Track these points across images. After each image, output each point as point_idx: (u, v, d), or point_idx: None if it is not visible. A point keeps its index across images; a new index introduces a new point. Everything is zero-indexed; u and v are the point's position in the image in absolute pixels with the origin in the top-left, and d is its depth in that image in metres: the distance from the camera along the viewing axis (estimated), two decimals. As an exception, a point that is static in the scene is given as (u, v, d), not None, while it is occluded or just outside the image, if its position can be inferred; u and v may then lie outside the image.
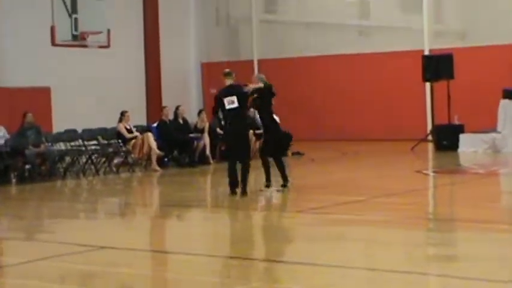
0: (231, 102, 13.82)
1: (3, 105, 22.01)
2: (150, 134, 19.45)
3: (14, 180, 17.46)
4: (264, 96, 14.25)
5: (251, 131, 21.51)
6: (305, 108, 27.27)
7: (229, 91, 13.94)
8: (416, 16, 26.06)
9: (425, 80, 22.82)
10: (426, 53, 24.75)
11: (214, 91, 14.75)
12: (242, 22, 29.84)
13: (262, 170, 14.28)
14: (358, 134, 26.10)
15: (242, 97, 13.87)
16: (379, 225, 10.89)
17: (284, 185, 14.27)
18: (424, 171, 17.72)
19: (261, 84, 14.23)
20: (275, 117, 14.74)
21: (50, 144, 18.64)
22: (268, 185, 14.25)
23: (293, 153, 21.91)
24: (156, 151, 19.13)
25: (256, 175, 15.14)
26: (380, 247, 9.41)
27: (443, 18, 27.66)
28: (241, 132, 13.86)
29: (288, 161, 21.20)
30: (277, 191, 14.13)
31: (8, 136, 17.90)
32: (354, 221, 11.26)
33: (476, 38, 25.36)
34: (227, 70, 14.34)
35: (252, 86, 14.16)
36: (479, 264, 8.24)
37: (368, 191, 14.24)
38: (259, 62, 28.47)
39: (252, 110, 15.77)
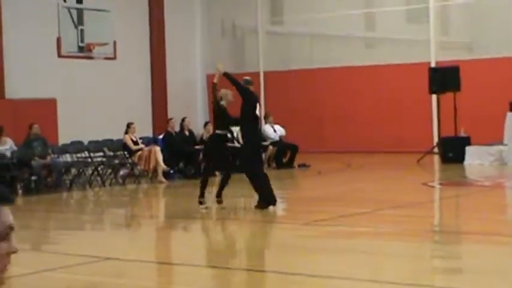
0: (259, 111, 13.70)
1: (9, 116, 22.02)
2: (158, 148, 19.44)
3: (20, 191, 17.49)
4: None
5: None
6: (311, 120, 27.27)
7: (257, 99, 13.75)
8: (422, 28, 26.07)
9: (431, 92, 22.80)
10: (433, 65, 24.74)
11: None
12: (248, 34, 29.90)
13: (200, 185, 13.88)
14: (363, 146, 26.08)
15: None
16: (385, 237, 10.87)
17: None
18: (430, 184, 17.68)
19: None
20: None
21: (56, 155, 18.67)
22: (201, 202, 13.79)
23: (299, 165, 21.92)
24: (162, 165, 19.09)
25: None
26: (385, 259, 9.39)
27: (450, 30, 27.67)
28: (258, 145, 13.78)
29: (294, 172, 21.25)
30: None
31: (15, 148, 17.94)
32: (359, 233, 11.24)
33: (483, 50, 25.34)
34: (250, 78, 14.01)
35: None
36: (484, 276, 8.21)
37: (374, 203, 14.21)
38: (265, 74, 28.49)
39: None
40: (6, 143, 17.95)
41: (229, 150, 14.07)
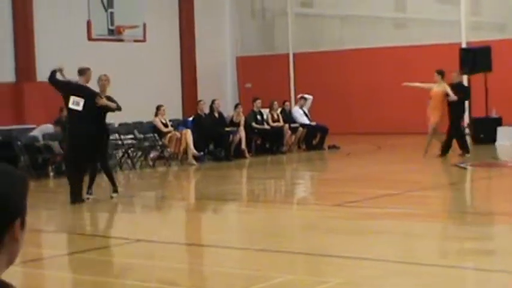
0: (75, 103, 13.45)
1: (41, 99, 22.17)
2: (189, 132, 19.44)
3: (51, 174, 17.60)
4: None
5: (286, 125, 21.64)
6: (340, 102, 27.19)
7: (78, 89, 13.63)
8: (453, 8, 25.86)
9: (462, 72, 22.64)
10: (464, 45, 24.56)
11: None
12: (277, 15, 29.82)
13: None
14: (394, 127, 25.97)
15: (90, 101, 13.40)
16: (415, 218, 10.83)
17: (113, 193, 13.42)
18: (461, 165, 17.59)
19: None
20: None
21: (86, 138, 18.76)
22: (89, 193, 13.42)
23: (329, 147, 21.89)
24: (192, 149, 19.07)
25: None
26: (416, 241, 9.36)
27: (481, 10, 27.42)
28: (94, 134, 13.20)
29: (324, 154, 21.21)
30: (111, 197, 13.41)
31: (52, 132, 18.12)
32: (390, 214, 11.21)
33: (514, 30, 25.11)
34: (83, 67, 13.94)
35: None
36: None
37: (404, 184, 14.17)
38: (295, 55, 28.44)
39: None
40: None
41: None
